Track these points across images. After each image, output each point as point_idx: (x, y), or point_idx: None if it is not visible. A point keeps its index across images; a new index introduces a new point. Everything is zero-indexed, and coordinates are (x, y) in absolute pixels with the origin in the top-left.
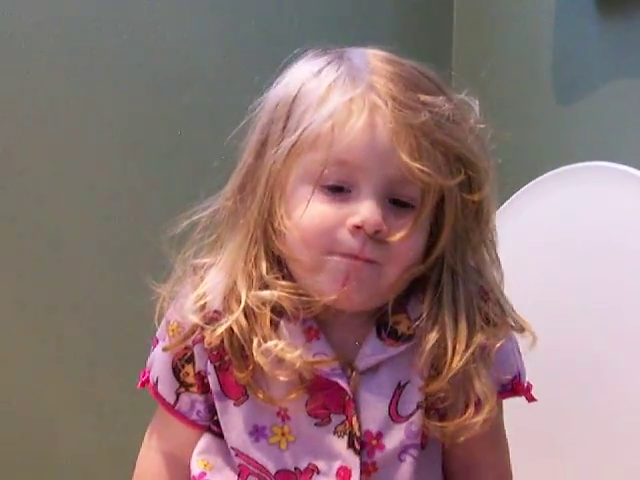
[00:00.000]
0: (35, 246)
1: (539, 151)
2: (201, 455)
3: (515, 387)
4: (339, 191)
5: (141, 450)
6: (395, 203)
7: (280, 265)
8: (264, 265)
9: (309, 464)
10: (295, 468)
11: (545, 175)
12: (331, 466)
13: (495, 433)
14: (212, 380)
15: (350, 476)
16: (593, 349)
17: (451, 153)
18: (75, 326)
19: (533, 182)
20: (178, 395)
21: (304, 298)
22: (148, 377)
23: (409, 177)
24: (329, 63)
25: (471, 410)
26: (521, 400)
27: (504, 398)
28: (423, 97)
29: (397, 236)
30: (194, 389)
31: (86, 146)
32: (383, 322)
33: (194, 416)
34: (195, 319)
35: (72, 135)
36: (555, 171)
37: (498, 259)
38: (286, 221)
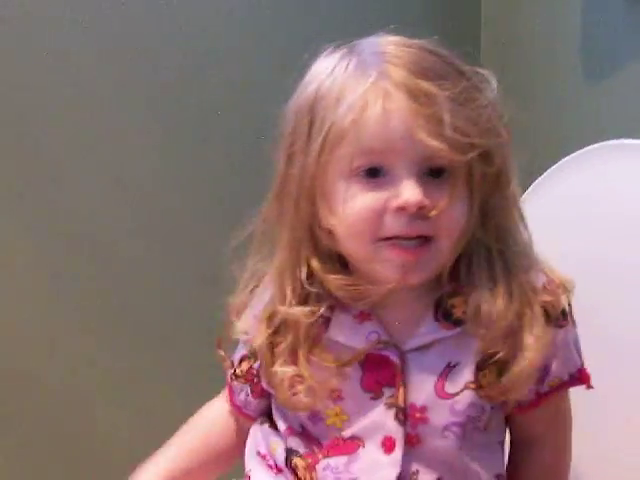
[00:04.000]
0: (69, 240)
1: (568, 131)
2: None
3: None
4: (375, 176)
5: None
6: (432, 174)
7: (333, 261)
8: (315, 263)
9: (358, 433)
10: (347, 438)
11: (573, 154)
12: (377, 435)
13: (556, 412)
14: None
15: (394, 446)
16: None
17: (465, 132)
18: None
19: (562, 161)
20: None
21: (359, 287)
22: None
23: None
24: (340, 59)
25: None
26: None
27: (569, 387)
28: (435, 80)
29: (439, 207)
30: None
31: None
32: (440, 303)
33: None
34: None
35: (103, 120)
36: (583, 150)
37: (525, 221)
38: (330, 219)
